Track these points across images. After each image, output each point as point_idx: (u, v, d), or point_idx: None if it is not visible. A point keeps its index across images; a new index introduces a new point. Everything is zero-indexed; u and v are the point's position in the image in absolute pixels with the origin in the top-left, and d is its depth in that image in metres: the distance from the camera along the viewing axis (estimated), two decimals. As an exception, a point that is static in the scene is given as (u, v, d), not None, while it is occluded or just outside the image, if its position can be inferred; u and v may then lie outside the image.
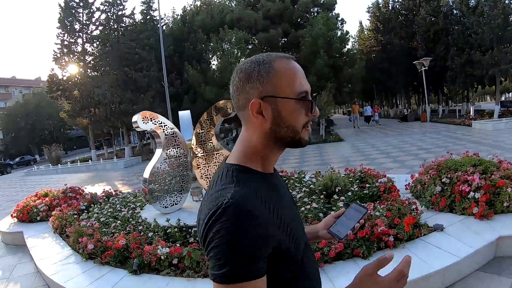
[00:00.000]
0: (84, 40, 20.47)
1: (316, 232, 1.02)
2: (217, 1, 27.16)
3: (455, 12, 20.89)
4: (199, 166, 4.35)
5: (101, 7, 20.24)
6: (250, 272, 0.62)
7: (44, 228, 5.34)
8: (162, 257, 3.01)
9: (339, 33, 20.41)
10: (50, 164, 22.37)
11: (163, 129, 4.28)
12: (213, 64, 22.36)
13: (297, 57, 21.45)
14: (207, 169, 4.31)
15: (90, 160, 20.89)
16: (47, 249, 4.33)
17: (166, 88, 17.06)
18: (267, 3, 22.46)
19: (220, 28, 20.05)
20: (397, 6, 25.38)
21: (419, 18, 21.45)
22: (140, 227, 3.80)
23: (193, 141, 4.35)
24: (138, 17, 21.29)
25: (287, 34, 22.69)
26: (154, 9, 21.01)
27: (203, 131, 4.28)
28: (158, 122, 4.27)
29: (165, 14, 34.61)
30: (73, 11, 19.63)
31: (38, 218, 5.90)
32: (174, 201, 4.30)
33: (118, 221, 4.18)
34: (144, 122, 4.19)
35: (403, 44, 24.01)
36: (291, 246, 0.72)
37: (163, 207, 4.23)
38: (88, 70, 20.80)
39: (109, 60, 19.50)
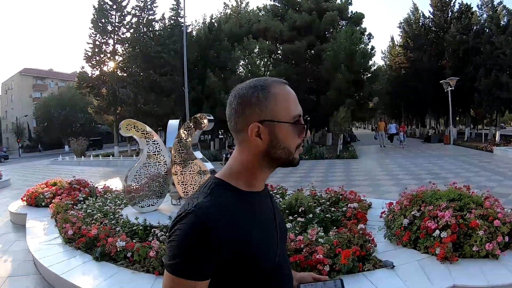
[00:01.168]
0: (115, 42, 22.03)
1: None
2: (247, 10, 28.10)
3: (486, 30, 20.34)
4: (177, 173, 4.92)
5: (132, 11, 21.74)
6: (190, 272, 0.70)
7: (45, 213, 6.06)
8: (119, 249, 3.55)
9: (363, 47, 20.41)
10: (75, 156, 24.08)
11: (145, 137, 4.90)
12: (236, 73, 23.17)
13: (319, 71, 21.84)
14: (183, 177, 4.86)
15: (111, 156, 22.26)
16: (40, 230, 5.05)
17: (186, 93, 17.97)
18: (294, 14, 23.01)
19: (245, 37, 20.81)
20: (428, 23, 25.07)
21: (449, 36, 21.11)
22: (113, 221, 4.40)
23: (173, 149, 4.92)
24: (166, 22, 22.58)
25: (312, 47, 23.07)
26: (182, 15, 22.27)
27: (182, 141, 4.84)
28: (141, 130, 4.90)
29: (195, 20, 36.10)
30: (106, 13, 21.22)
31: (43, 203, 6.64)
32: (151, 203, 4.88)
33: (98, 214, 4.81)
34: (127, 129, 4.82)
35: (432, 62, 23.67)
36: (248, 263, 0.76)
37: (139, 207, 4.82)
38: (117, 70, 22.31)
39: (137, 62, 20.85)
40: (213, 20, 24.45)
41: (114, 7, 21.92)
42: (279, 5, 25.28)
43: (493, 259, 3.09)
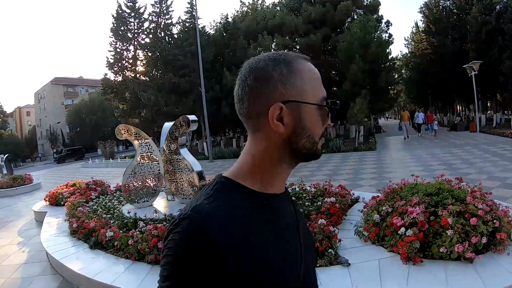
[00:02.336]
0: (136, 48, 23.25)
1: None
2: (263, 6, 28.41)
3: (509, 9, 19.30)
4: (168, 171, 5.46)
5: (150, 17, 22.82)
6: None
7: (62, 211, 6.84)
8: (108, 239, 4.14)
9: (378, 36, 20.06)
10: (104, 158, 25.71)
11: (138, 139, 5.49)
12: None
13: (335, 62, 21.76)
14: (174, 174, 5.40)
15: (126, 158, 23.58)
16: (54, 225, 5.81)
17: (203, 93, 18.66)
18: (309, 7, 23.08)
19: (259, 34, 21.19)
20: (449, 5, 24.14)
21: (471, 17, 20.20)
22: (109, 215, 5.02)
23: (165, 149, 5.47)
24: (181, 26, 23.46)
25: (328, 39, 23.00)
26: (197, 17, 23.02)
27: (170, 140, 5.38)
28: (134, 134, 5.49)
29: (213, 21, 36.84)
30: (125, 20, 22.44)
31: (62, 202, 7.52)
32: (146, 199, 5.47)
33: (100, 210, 5.48)
34: (122, 133, 5.43)
35: (455, 46, 22.82)
36: (261, 281, 0.61)
37: (136, 203, 5.41)
38: (138, 75, 23.55)
39: (157, 66, 21.91)
40: (228, 19, 25.04)
41: (132, 14, 23.14)
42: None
43: (466, 262, 2.80)
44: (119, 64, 22.90)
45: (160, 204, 5.55)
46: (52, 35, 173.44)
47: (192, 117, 5.24)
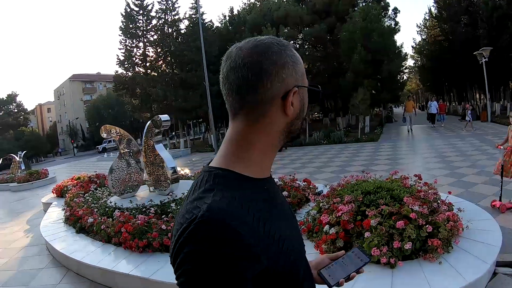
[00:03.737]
0: (145, 44, 24.24)
1: None
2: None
3: None
4: (147, 165, 6.23)
5: (157, 14, 23.68)
6: None
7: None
8: (89, 224, 4.96)
9: (381, 25, 19.88)
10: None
11: (120, 138, 6.28)
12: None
13: (339, 52, 21.83)
14: (151, 168, 6.17)
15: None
16: (54, 214, 6.74)
17: (207, 87, 19.41)
18: (313, -2, 23.18)
19: (263, 27, 21.60)
20: (460, -11, 23.58)
21: (481, 2, 19.70)
22: (96, 205, 5.86)
23: (144, 145, 6.23)
24: (187, 22, 24.23)
25: (333, 29, 23.08)
26: (201, 13, 23.66)
27: (148, 137, 6.13)
28: (116, 132, 6.28)
29: (222, 14, 37.31)
30: (133, 18, 23.42)
31: (66, 194, 8.53)
32: (128, 191, 6.27)
33: (90, 200, 6.34)
34: (104, 133, 6.24)
35: (467, 33, 22.31)
36: (286, 269, 0.64)
37: (119, 194, 6.22)
38: (149, 71, 24.58)
39: (165, 62, 22.85)
40: (234, 13, 25.53)
41: (141, 12, 24.07)
42: (300, -11, 25.48)
43: (387, 267, 2.82)
44: (129, 61, 23.94)
45: (141, 195, 6.34)
46: (69, 33, 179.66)
47: (164, 117, 5.96)
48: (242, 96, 0.66)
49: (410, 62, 37.84)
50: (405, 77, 24.45)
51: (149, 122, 6.26)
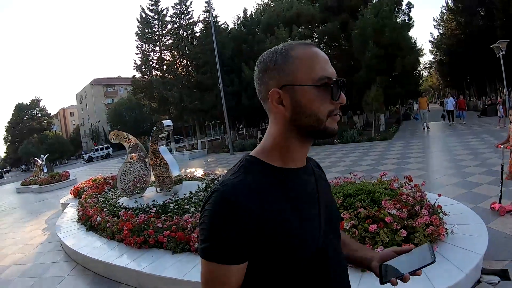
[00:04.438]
0: (161, 49, 25.01)
1: (370, 260, 0.94)
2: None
3: None
4: (154, 167, 6.65)
5: (171, 19, 24.38)
6: (223, 255, 0.69)
7: (79, 202, 8.44)
8: (98, 223, 5.40)
9: (394, 21, 19.61)
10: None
11: (127, 142, 6.72)
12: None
13: (352, 49, 21.73)
14: (156, 170, 6.57)
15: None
16: (69, 214, 7.28)
17: (221, 88, 19.86)
18: (325, -5, 23.18)
19: (275, 27, 21.83)
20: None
21: (497, -8, 19.11)
22: (105, 205, 6.32)
23: (150, 149, 6.65)
24: (201, 25, 24.80)
25: (346, 25, 22.99)
26: (215, 15, 24.16)
27: (154, 141, 6.55)
28: (124, 137, 6.73)
29: (236, 15, 37.80)
30: (149, 23, 24.21)
31: (82, 195, 9.12)
32: (137, 192, 6.70)
33: (102, 200, 6.82)
34: (113, 139, 6.71)
35: (484, 25, 21.64)
36: (287, 249, 0.73)
37: (128, 196, 6.67)
38: (165, 74, 25.32)
39: (180, 66, 23.53)
40: (247, 14, 25.88)
41: (156, 17, 24.84)
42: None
43: (358, 270, 2.70)
44: (146, 65, 24.75)
45: (148, 195, 6.76)
46: (90, 37, 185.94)
47: (166, 122, 6.37)
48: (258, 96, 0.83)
49: (429, 57, 36.97)
50: (424, 73, 23.96)
51: (154, 127, 6.68)
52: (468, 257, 2.98)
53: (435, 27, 31.37)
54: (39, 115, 61.27)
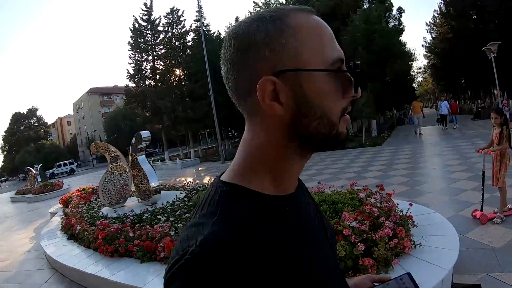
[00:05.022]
0: (154, 58, 25.54)
1: None
2: (276, 4, 29.40)
3: None
4: (134, 178, 7.03)
5: (164, 28, 24.98)
6: None
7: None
8: (77, 232, 5.76)
9: (384, 26, 20.03)
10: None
11: (108, 153, 7.11)
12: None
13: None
14: (137, 180, 6.95)
15: (159, 161, 25.98)
16: (54, 223, 7.64)
17: (212, 97, 20.30)
18: (316, 2, 23.72)
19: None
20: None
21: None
22: (87, 214, 6.69)
23: (130, 159, 7.03)
24: (192, 34, 25.39)
25: (338, 32, 23.50)
26: (206, 24, 24.71)
27: (134, 151, 6.93)
28: (105, 148, 7.12)
29: (229, 24, 38.42)
30: (141, 33, 24.79)
31: (69, 204, 9.48)
32: (118, 202, 7.07)
33: (85, 209, 7.19)
34: (95, 149, 7.09)
35: (476, 28, 22.14)
36: None
37: (110, 204, 7.03)
38: (159, 83, 25.82)
39: (172, 75, 24.04)
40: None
41: (149, 26, 25.41)
42: (303, -5, 26.11)
43: None
44: (139, 75, 25.26)
45: (130, 205, 7.13)
46: (86, 46, 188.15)
47: (144, 133, 6.77)
48: (228, 89, 0.56)
49: (424, 62, 37.46)
50: (420, 78, 24.38)
51: (133, 138, 7.07)
52: (433, 272, 2.82)
53: (427, 32, 31.97)
54: (36, 124, 62.01)
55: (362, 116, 18.43)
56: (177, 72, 24.75)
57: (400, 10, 23.82)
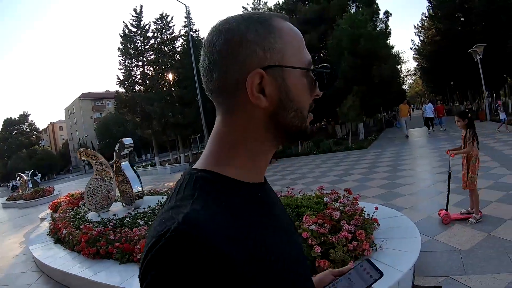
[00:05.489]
0: (144, 64, 25.98)
1: None
2: (265, 10, 29.97)
3: None
4: (119, 183, 7.46)
5: (154, 34, 25.44)
6: None
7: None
8: (63, 236, 6.19)
9: (369, 30, 20.36)
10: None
11: (94, 159, 7.54)
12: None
13: (325, 60, 22.70)
14: (121, 186, 7.38)
15: (149, 166, 26.36)
16: (43, 228, 8.04)
17: (200, 103, 20.74)
18: (304, 7, 24.34)
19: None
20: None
21: (475, -3, 20.10)
22: (73, 219, 7.11)
23: (114, 165, 7.46)
24: (181, 40, 25.88)
25: (325, 37, 24.08)
26: (194, 30, 25.24)
27: (118, 158, 7.36)
28: (91, 155, 7.55)
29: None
30: (131, 39, 25.23)
31: (58, 209, 9.87)
32: (103, 207, 7.50)
33: (72, 214, 7.60)
34: (81, 156, 7.53)
35: (463, 31, 22.72)
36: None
37: (96, 209, 7.46)
38: (148, 89, 26.23)
39: (161, 80, 24.48)
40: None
41: (138, 32, 25.86)
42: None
43: None
44: (129, 80, 25.66)
45: (114, 210, 7.56)
46: (78, 51, 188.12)
47: (126, 140, 7.22)
48: (207, 87, 0.61)
49: (414, 64, 38.12)
50: (410, 80, 24.86)
51: (116, 145, 7.51)
52: (390, 275, 2.86)
53: (416, 34, 32.72)
54: (28, 130, 62.20)
55: (348, 120, 18.85)
56: (167, 77, 25.18)
57: (387, 13, 24.53)
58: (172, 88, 25.41)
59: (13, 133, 61.10)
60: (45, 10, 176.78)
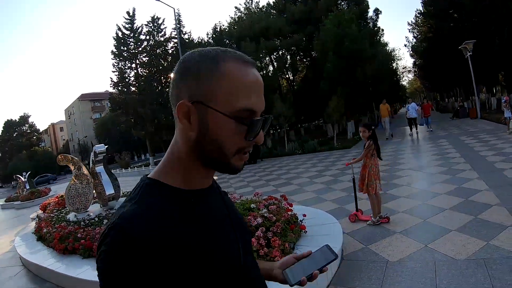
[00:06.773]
0: (137, 66, 27.04)
1: (270, 270, 0.98)
2: (256, 11, 30.65)
3: None
4: (95, 186, 8.48)
5: (146, 36, 26.49)
6: None
7: (44, 218, 10.25)
8: (43, 233, 7.21)
9: (356, 30, 20.62)
10: (123, 169, 29.84)
11: (73, 164, 8.55)
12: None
13: (314, 60, 23.43)
14: (98, 188, 8.39)
15: (143, 166, 27.46)
16: (31, 227, 9.08)
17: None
18: (292, 7, 25.13)
19: (242, 41, 23.74)
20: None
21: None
22: (55, 219, 8.15)
23: (90, 170, 8.48)
24: (172, 42, 26.87)
25: (312, 37, 24.82)
26: (185, 32, 26.23)
27: (94, 162, 8.37)
28: (70, 160, 8.57)
29: (212, 29, 39.77)
30: (124, 41, 26.29)
31: (47, 209, 10.92)
32: (82, 208, 8.51)
33: (57, 214, 8.65)
34: (61, 161, 8.56)
35: (455, 28, 23.26)
36: (205, 281, 0.67)
37: (76, 210, 8.47)
38: (142, 91, 27.28)
39: (154, 82, 25.55)
40: (217, 29, 27.89)
41: (131, 35, 26.90)
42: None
43: None
44: (123, 82, 26.74)
45: (93, 210, 8.57)
46: (77, 52, 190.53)
47: (99, 147, 8.23)
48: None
49: (411, 61, 38.55)
50: (410, 76, 25.18)
51: (92, 153, 8.51)
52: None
53: (410, 31, 33.27)
54: (28, 131, 63.94)
55: (332, 120, 19.51)
56: (159, 79, 26.25)
57: (377, 11, 25.03)
58: (165, 90, 26.45)
59: (14, 135, 62.91)
60: (45, 12, 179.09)
